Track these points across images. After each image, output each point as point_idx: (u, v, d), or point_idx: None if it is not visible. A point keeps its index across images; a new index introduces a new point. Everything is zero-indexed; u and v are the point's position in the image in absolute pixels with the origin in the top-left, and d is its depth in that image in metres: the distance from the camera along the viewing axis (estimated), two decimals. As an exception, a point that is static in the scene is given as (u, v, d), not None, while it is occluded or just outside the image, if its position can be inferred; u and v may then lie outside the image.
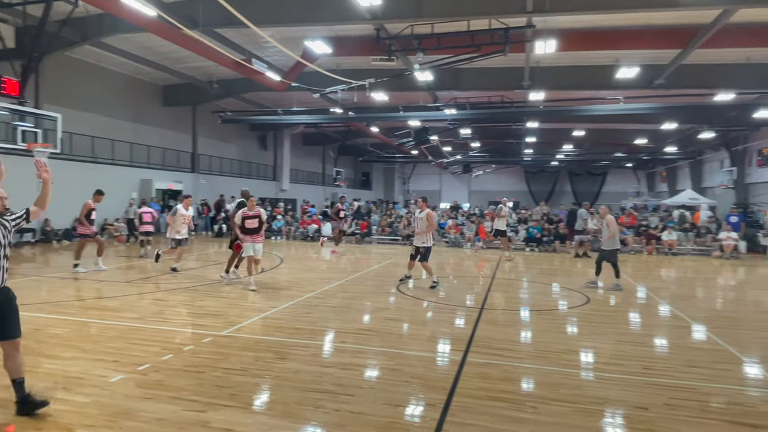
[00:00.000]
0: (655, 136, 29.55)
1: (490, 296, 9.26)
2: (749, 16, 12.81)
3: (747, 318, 8.12)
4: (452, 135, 30.23)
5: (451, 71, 18.22)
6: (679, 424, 3.82)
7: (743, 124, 24.13)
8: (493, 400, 4.20)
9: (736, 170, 26.94)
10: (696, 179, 35.21)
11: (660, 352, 6.08)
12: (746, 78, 16.95)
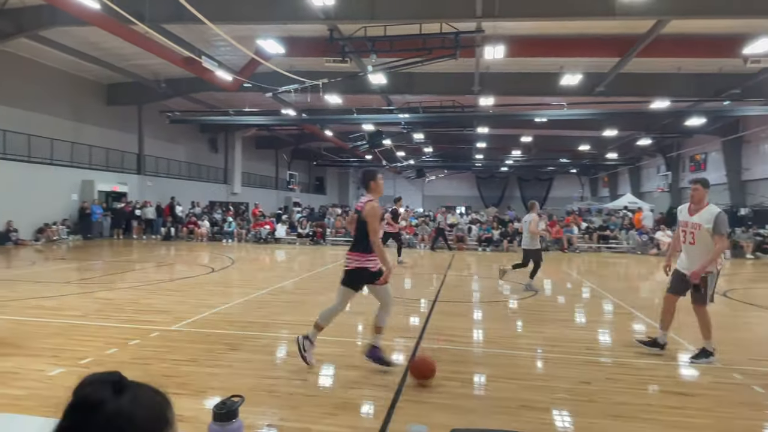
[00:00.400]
0: (598, 142, 31.04)
1: (442, 291, 9.43)
2: (680, 27, 13.73)
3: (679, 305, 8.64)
4: (406, 139, 30.64)
5: (404, 74, 18.49)
6: (618, 395, 4.04)
7: (677, 132, 25.78)
8: (445, 380, 4.29)
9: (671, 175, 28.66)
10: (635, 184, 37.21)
11: (602, 335, 6.40)
12: (678, 87, 18.12)
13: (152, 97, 22.22)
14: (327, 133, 29.09)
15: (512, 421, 3.46)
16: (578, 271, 13.46)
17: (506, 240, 19.45)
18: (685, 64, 16.80)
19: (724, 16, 12.11)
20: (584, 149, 32.66)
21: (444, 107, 21.78)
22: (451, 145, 34.70)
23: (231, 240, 21.42)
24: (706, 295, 4.95)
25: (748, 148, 24.63)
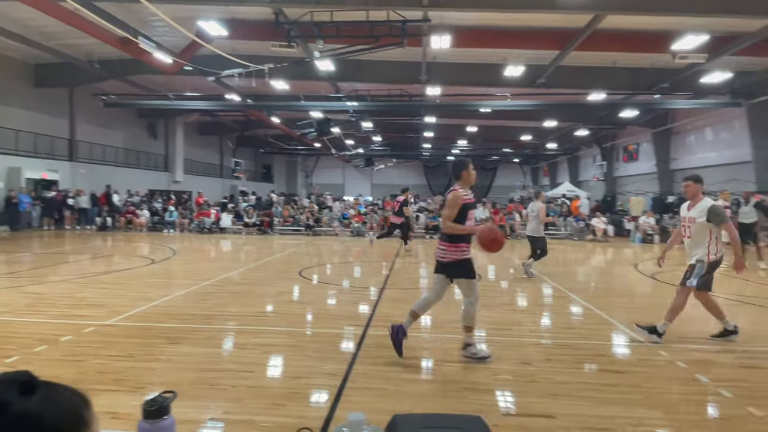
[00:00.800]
0: (539, 133, 32.10)
1: (391, 278, 9.51)
2: (615, 23, 14.34)
3: (614, 288, 9.17)
4: (354, 128, 30.48)
5: (351, 62, 18.32)
6: (557, 374, 4.23)
7: (612, 123, 27.08)
8: (391, 366, 4.34)
9: (606, 165, 30.10)
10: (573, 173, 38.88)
11: (540, 318, 6.67)
12: (614, 80, 18.98)
13: (85, 79, 20.87)
14: (274, 119, 28.44)
15: (457, 403, 3.55)
16: (520, 257, 13.91)
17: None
18: (620, 58, 17.60)
19: (654, 13, 12.72)
20: (526, 139, 33.71)
21: (392, 96, 21.79)
22: (400, 134, 34.87)
23: (173, 230, 20.65)
24: (689, 276, 5.21)
25: (676, 139, 26.24)
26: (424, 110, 24.80)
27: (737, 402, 3.69)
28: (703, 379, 4.20)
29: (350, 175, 50.05)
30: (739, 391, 3.91)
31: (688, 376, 4.28)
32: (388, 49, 15.01)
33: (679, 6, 12.13)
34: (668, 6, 12.19)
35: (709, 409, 3.66)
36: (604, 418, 3.36)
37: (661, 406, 3.60)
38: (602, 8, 12.49)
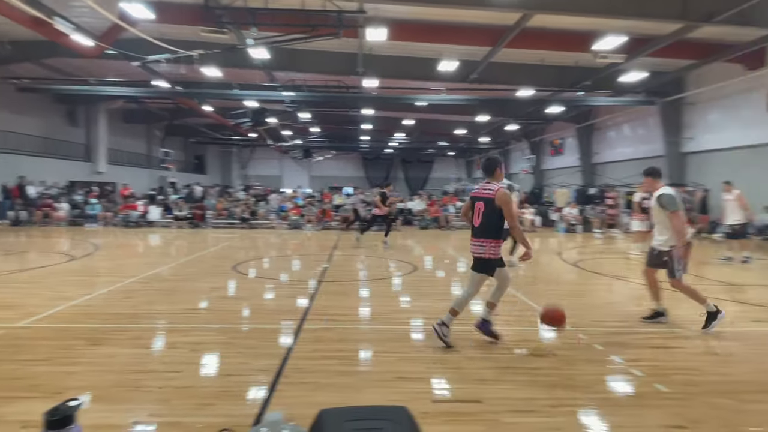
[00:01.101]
0: (472, 127, 33.01)
1: (328, 271, 9.49)
2: (542, 22, 14.95)
3: (540, 276, 9.64)
4: (291, 118, 29.96)
5: (287, 51, 17.96)
6: (485, 360, 4.42)
7: (539, 118, 28.33)
8: (326, 359, 4.36)
9: (534, 158, 31.48)
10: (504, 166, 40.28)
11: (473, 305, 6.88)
12: (541, 77, 19.82)
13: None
14: (206, 108, 27.36)
15: (389, 393, 3.62)
16: (454, 248, 14.33)
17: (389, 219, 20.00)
18: (547, 56, 18.41)
19: (577, 14, 13.33)
20: (461, 133, 34.59)
21: (329, 87, 21.61)
22: (338, 126, 34.66)
23: (95, 224, 19.46)
24: (673, 269, 5.50)
25: (598, 134, 27.86)
26: (361, 102, 24.78)
27: (646, 380, 4.02)
28: (617, 359, 4.54)
29: (288, 166, 49.19)
30: (648, 369, 4.26)
31: (605, 358, 4.60)
32: (325, 39, 14.84)
33: (600, 8, 12.83)
34: (590, 8, 12.86)
35: (622, 387, 3.95)
36: (527, 400, 3.56)
37: (580, 387, 3.85)
38: (529, 7, 12.97)
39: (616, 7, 12.70)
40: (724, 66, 17.35)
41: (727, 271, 10.13)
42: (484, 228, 4.76)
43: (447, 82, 19.76)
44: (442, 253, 12.93)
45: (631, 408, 3.50)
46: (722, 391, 3.78)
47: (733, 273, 9.83)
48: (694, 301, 5.56)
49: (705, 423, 3.23)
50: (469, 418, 3.24)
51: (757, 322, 6.09)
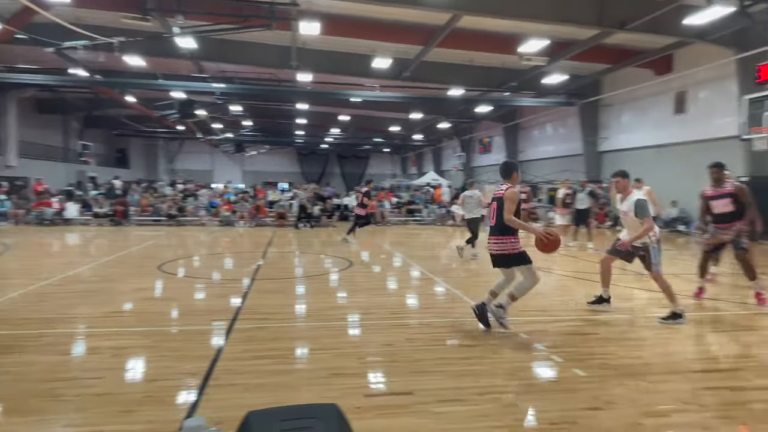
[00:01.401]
0: (406, 124, 33.50)
1: (262, 269, 9.31)
2: (471, 24, 15.44)
3: (469, 269, 9.98)
4: (222, 111, 29.00)
5: (217, 41, 17.37)
6: (417, 352, 4.52)
7: (469, 117, 29.25)
8: (258, 359, 4.29)
9: (465, 156, 32.47)
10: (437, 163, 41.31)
11: (404, 300, 7.06)
12: (470, 77, 20.46)
13: None
14: (129, 98, 25.85)
15: (323, 390, 3.63)
16: (389, 243, 14.52)
17: (326, 216, 19.92)
18: (476, 57, 19.03)
19: (503, 17, 13.88)
20: (395, 130, 34.99)
21: (262, 80, 21.12)
22: (272, 120, 33.97)
23: (4, 222, 17.92)
24: (650, 263, 5.74)
25: (523, 133, 29.18)
26: (295, 96, 24.43)
27: (566, 365, 4.28)
28: (540, 347, 4.80)
29: (219, 161, 47.53)
30: (567, 355, 4.54)
31: (528, 346, 4.86)
32: (256, 30, 14.49)
33: (523, 12, 13.42)
34: (513, 11, 13.42)
35: (544, 373, 4.19)
36: (456, 389, 3.69)
37: (504, 374, 4.04)
38: (458, 8, 13.34)
39: (538, 11, 13.34)
40: (636, 71, 18.71)
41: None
42: (499, 225, 5.13)
43: (381, 79, 19.91)
44: (378, 249, 13.05)
45: (552, 393, 3.71)
46: (634, 374, 4.10)
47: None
48: (667, 297, 5.74)
49: (618, 404, 3.49)
50: (401, 411, 3.32)
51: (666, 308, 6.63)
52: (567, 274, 9.22)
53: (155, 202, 20.67)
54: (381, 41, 16.99)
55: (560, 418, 3.25)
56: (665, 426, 3.18)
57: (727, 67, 15.26)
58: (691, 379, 4.00)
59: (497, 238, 5.15)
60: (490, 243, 5.23)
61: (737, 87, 14.76)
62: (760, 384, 3.90)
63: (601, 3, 13.37)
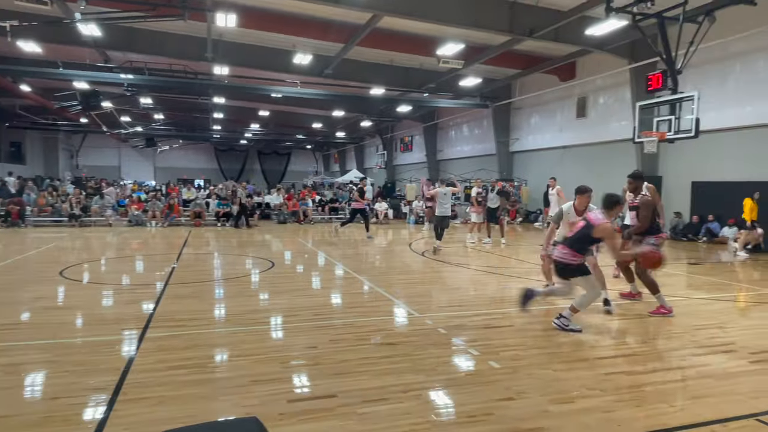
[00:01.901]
0: (328, 121, 33.34)
1: (176, 272, 8.86)
2: (392, 24, 15.65)
3: (393, 266, 10.17)
4: (131, 103, 27.18)
5: (124, 29, 16.26)
6: (340, 353, 4.54)
7: (390, 116, 29.69)
8: (173, 369, 4.09)
9: (386, 154, 32.98)
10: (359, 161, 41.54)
11: (327, 300, 7.04)
12: (391, 77, 20.77)
13: None
14: (24, 88, 23.44)
15: (242, 399, 3.54)
16: (312, 242, 14.39)
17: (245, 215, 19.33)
18: (397, 58, 19.34)
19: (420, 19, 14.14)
20: (317, 127, 34.68)
21: (175, 72, 20.04)
22: (186, 114, 32.31)
23: None
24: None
25: (441, 133, 30.09)
26: (212, 90, 23.46)
27: (482, 358, 4.50)
28: (457, 341, 5.00)
29: (128, 156, 44.45)
30: (483, 348, 4.76)
31: (447, 341, 5.04)
32: (168, 20, 13.73)
33: (439, 16, 13.80)
34: (430, 14, 13.76)
35: (462, 367, 4.37)
36: (379, 388, 3.74)
37: (425, 370, 4.16)
38: (378, 8, 13.45)
39: (453, 16, 13.80)
40: (544, 76, 19.93)
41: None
42: (574, 240, 5.41)
43: (302, 75, 19.66)
44: (300, 248, 12.89)
45: (469, 386, 3.88)
46: (542, 363, 4.39)
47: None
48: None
49: (528, 393, 3.73)
50: (325, 414, 3.32)
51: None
52: (481, 269, 9.66)
53: (54, 202, 18.97)
54: (301, 37, 16.73)
55: (477, 410, 3.41)
56: (570, 411, 3.44)
57: (623, 76, 16.69)
58: (594, 365, 4.35)
59: (567, 250, 5.38)
60: (558, 251, 5.49)
61: (631, 94, 16.20)
62: (652, 368, 4.33)
63: (512, 11, 14.09)
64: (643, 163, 15.87)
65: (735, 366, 4.36)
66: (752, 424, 3.28)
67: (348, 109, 28.22)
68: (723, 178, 14.23)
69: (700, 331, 5.46)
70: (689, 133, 10.76)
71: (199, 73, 20.15)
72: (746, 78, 13.77)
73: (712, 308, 6.64)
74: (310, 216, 20.94)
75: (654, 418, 3.35)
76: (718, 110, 13.93)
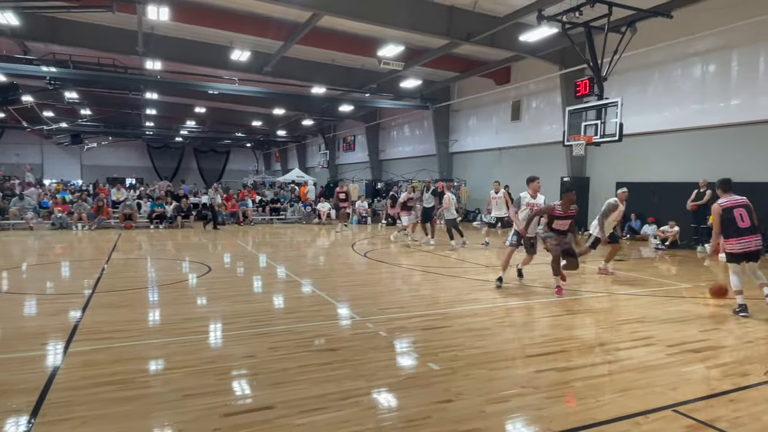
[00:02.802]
0: (269, 119, 32.71)
1: (104, 279, 8.38)
2: (332, 23, 15.58)
3: (334, 268, 10.10)
4: (54, 97, 25.42)
5: (46, 19, 15.20)
6: (279, 362, 4.44)
7: (333, 116, 29.55)
8: (98, 386, 3.86)
9: (328, 153, 32.81)
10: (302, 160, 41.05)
11: (267, 305, 6.90)
12: (332, 76, 20.67)
13: None
14: (-76, 79, 21.33)
15: (174, 415, 3.39)
16: (252, 244, 14.07)
17: (180, 216, 18.61)
18: (338, 57, 19.27)
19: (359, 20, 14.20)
20: (257, 125, 33.92)
21: (103, 65, 18.96)
22: (116, 109, 30.62)
23: None
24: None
25: (383, 133, 30.29)
26: (143, 85, 22.38)
27: (422, 360, 4.56)
28: (397, 343, 5.05)
29: (51, 153, 41.50)
30: (423, 350, 4.83)
31: (388, 344, 5.07)
32: (95, 11, 12.96)
33: (379, 17, 13.90)
34: (370, 16, 13.83)
35: (402, 370, 4.39)
36: (319, 397, 3.70)
37: (365, 375, 4.16)
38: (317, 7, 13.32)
39: (393, 18, 13.93)
40: (481, 80, 20.53)
41: (488, 254, 12.07)
42: (752, 226, 6.15)
43: (240, 72, 19.18)
44: (240, 251, 12.55)
45: (409, 389, 3.91)
46: (479, 363, 4.50)
47: (496, 256, 11.76)
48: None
49: (466, 394, 3.81)
50: (261, 427, 3.23)
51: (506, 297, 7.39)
52: (423, 270, 9.80)
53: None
54: (239, 33, 16.31)
55: (416, 414, 3.45)
56: (505, 411, 3.55)
57: (554, 81, 17.48)
58: (526, 363, 4.52)
59: (757, 237, 6.19)
60: (753, 240, 6.17)
61: (561, 99, 16.99)
62: (580, 363, 4.56)
63: (450, 16, 14.39)
64: (573, 165, 16.69)
65: (654, 359, 4.67)
66: (670, 414, 3.51)
67: (289, 108, 27.80)
68: (644, 179, 15.23)
69: (623, 326, 5.81)
70: (614, 137, 11.43)
71: (129, 68, 19.18)
72: (664, 85, 14.81)
73: (634, 303, 7.08)
74: (250, 217, 20.43)
75: (583, 413, 3.52)
76: (640, 115, 14.89)
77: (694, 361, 4.64)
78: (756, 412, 3.53)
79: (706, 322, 6.02)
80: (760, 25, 11.83)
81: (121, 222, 17.90)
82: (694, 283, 8.66)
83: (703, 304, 7.04)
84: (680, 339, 5.29)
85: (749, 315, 6.20)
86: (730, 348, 5.05)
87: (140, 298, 7.17)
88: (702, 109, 13.81)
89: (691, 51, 13.90)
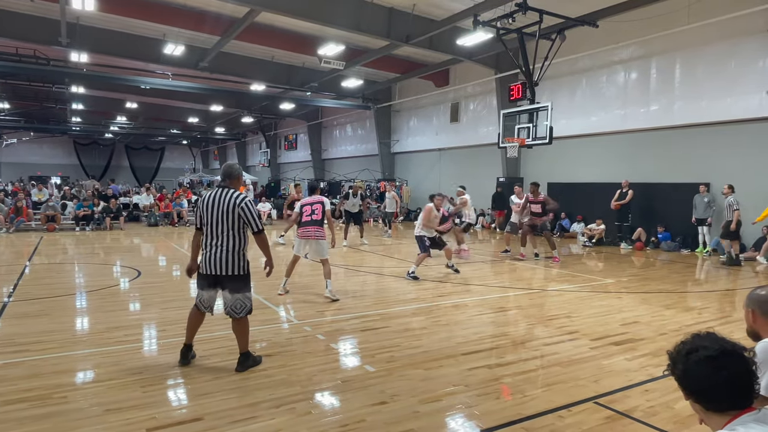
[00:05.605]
0: (206, 116, 31.65)
1: (21, 286, 7.79)
2: (271, 20, 15.27)
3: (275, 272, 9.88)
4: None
5: (-50, 4, 13.92)
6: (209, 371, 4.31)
7: (273, 113, 29.01)
8: (11, 404, 3.59)
9: (269, 152, 32.18)
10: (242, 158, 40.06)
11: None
12: (272, 74, 20.29)
13: None
14: None
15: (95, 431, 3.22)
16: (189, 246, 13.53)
17: (109, 217, 17.63)
18: (278, 54, 18.93)
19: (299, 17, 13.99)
20: (194, 122, 32.74)
21: (23, 56, 17.64)
22: (38, 103, 28.53)
23: None
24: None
25: (325, 132, 30.08)
26: (68, 78, 21.03)
27: (359, 362, 4.57)
28: (335, 346, 5.03)
29: (-37, 150, 38.16)
30: (360, 352, 4.85)
31: (325, 347, 5.04)
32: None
33: (319, 15, 13.77)
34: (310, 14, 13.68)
35: (338, 374, 4.35)
36: (250, 406, 3.61)
37: (301, 381, 4.11)
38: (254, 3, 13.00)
39: (333, 17, 13.87)
40: (421, 81, 20.84)
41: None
42: None
43: (174, 66, 18.42)
44: (173, 254, 12.06)
45: (344, 393, 3.90)
46: (414, 363, 4.57)
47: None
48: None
49: (400, 395, 3.84)
50: (189, 440, 3.13)
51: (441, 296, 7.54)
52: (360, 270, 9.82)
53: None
54: (172, 26, 15.64)
55: (350, 419, 3.45)
56: (438, 410, 3.62)
57: (490, 85, 18.03)
58: (459, 362, 4.63)
59: None
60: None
61: (497, 102, 17.55)
62: (510, 360, 4.73)
63: (390, 17, 14.49)
64: (508, 166, 17.28)
65: (578, 353, 4.93)
66: (592, 407, 3.72)
67: (227, 105, 27.03)
68: (573, 180, 16.02)
69: (552, 321, 6.09)
70: (544, 140, 11.94)
71: (52, 60, 17.95)
72: (591, 91, 15.64)
73: (562, 299, 7.44)
74: (185, 218, 19.68)
75: (511, 408, 3.65)
76: (569, 119, 15.65)
77: (615, 353, 4.93)
78: (668, 401, 3.79)
79: (627, 317, 6.42)
80: (674, 37, 12.75)
81: (43, 224, 16.72)
82: (617, 278, 9.21)
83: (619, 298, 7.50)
84: (603, 333, 5.61)
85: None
86: (647, 340, 5.40)
87: (61, 306, 6.73)
88: (625, 114, 14.70)
89: (615, 59, 14.76)
